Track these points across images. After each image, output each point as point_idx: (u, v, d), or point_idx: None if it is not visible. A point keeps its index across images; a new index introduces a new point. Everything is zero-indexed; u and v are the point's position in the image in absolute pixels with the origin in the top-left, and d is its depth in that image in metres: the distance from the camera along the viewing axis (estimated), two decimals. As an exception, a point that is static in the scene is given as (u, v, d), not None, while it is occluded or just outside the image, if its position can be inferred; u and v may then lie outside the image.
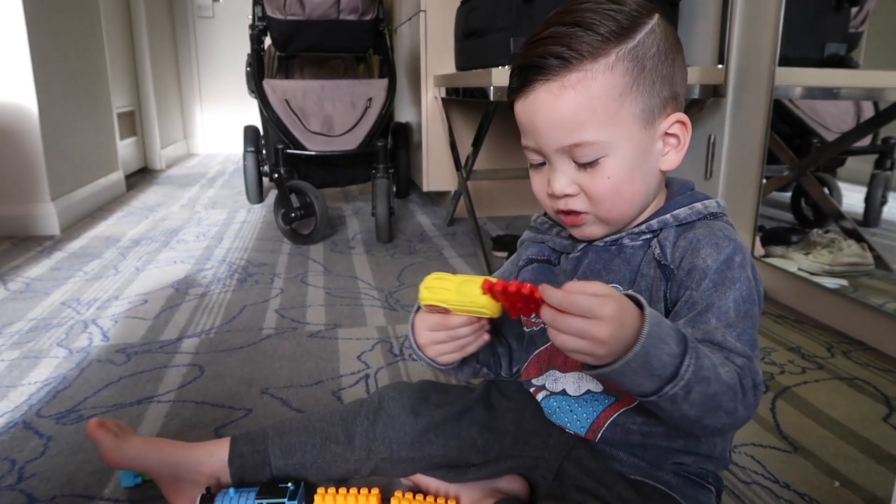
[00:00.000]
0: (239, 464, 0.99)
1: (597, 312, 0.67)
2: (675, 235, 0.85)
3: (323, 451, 1.00)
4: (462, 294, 0.78)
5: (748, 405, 0.73)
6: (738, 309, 0.76)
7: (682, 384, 0.69)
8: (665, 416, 0.74)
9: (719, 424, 0.73)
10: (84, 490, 1.05)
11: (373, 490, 0.95)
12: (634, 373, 0.69)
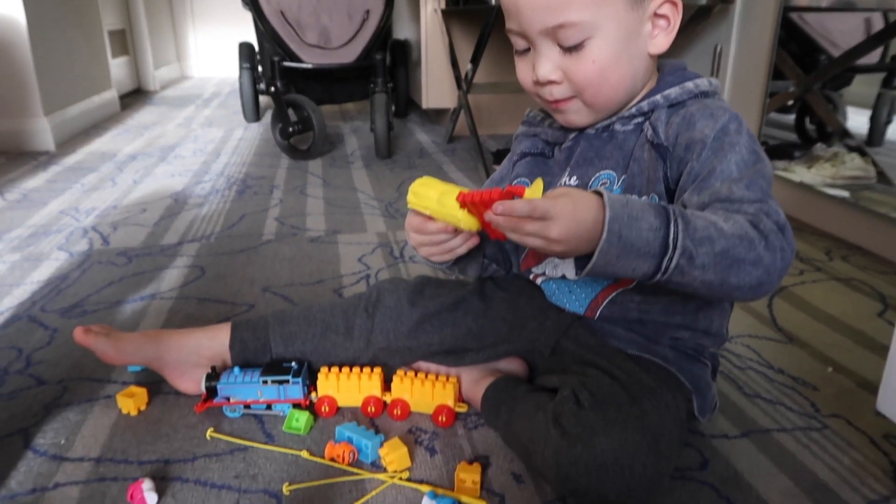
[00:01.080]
0: (240, 349, 1.01)
1: (549, 213, 0.67)
2: (666, 115, 0.83)
3: (323, 341, 1.01)
4: (442, 205, 0.78)
5: (773, 248, 0.70)
6: (741, 169, 0.75)
7: (678, 253, 0.68)
8: (690, 291, 0.73)
9: (752, 279, 0.70)
10: (91, 374, 1.06)
11: (375, 369, 0.97)
12: (620, 259, 0.69)
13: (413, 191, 0.81)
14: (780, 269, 0.72)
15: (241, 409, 0.95)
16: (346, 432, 0.88)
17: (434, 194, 0.79)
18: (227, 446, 0.89)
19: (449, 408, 0.93)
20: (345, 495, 0.80)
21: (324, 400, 0.95)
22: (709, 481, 0.83)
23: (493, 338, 0.98)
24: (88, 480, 0.83)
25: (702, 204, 0.75)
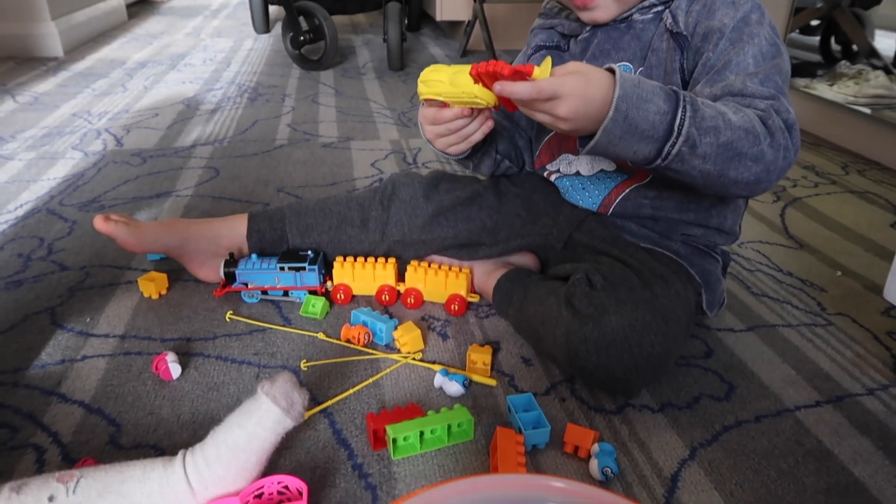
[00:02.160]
0: (257, 239, 1.02)
1: (558, 92, 0.66)
2: (687, 3, 0.81)
3: (338, 233, 1.02)
4: (455, 85, 0.76)
5: (777, 146, 0.70)
6: (758, 63, 0.74)
7: (682, 140, 0.68)
8: (686, 180, 0.73)
9: (750, 175, 0.71)
10: (112, 262, 1.09)
11: (389, 259, 0.99)
12: (623, 139, 0.68)
13: (423, 80, 0.80)
14: (781, 168, 0.72)
15: (258, 295, 0.97)
16: (362, 316, 0.90)
17: (445, 77, 0.77)
18: (246, 327, 0.92)
19: (461, 297, 0.95)
20: (360, 373, 0.83)
21: (339, 288, 0.97)
22: (713, 368, 0.86)
23: (507, 233, 0.99)
24: (114, 354, 0.86)
25: (714, 96, 0.74)
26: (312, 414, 0.76)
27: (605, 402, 0.79)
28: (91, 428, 0.73)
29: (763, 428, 0.75)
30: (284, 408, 0.60)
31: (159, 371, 0.81)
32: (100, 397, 0.78)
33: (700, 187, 0.75)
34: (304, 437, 0.72)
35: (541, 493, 0.43)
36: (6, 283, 1.02)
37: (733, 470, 0.69)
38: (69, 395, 0.78)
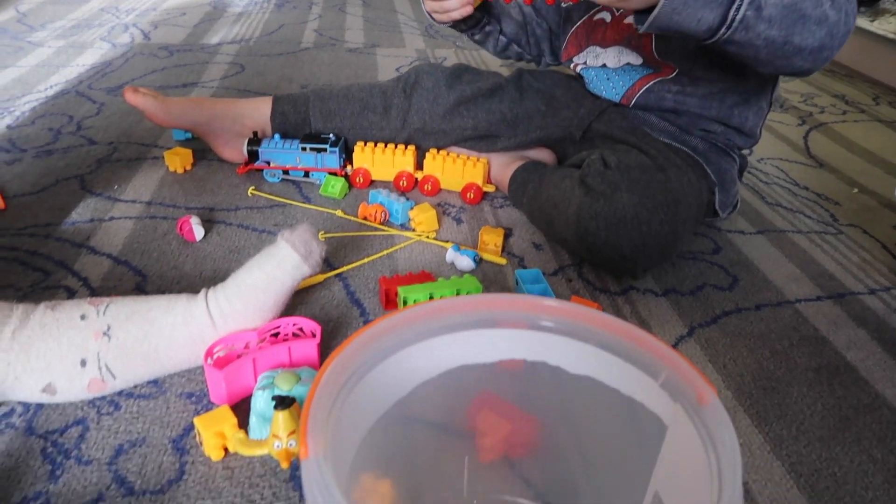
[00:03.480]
0: (281, 121, 1.04)
1: None
2: None
3: (360, 119, 1.03)
4: None
5: (839, 7, 0.69)
6: None
7: (748, 1, 0.66)
8: (750, 53, 0.72)
9: (815, 40, 0.70)
10: (139, 140, 1.12)
11: (409, 146, 1.00)
12: (687, 6, 0.67)
13: None
14: (843, 33, 0.71)
15: (279, 175, 1.00)
16: (380, 196, 0.93)
17: None
18: (267, 202, 0.95)
19: (477, 186, 0.97)
20: (375, 246, 0.86)
21: (359, 171, 1.00)
22: (719, 263, 0.87)
23: (526, 126, 1.00)
24: (141, 217, 0.89)
25: None
26: (328, 277, 0.79)
27: (610, 285, 0.81)
28: (118, 276, 0.77)
29: (762, 315, 0.78)
30: (303, 254, 0.63)
31: (183, 232, 0.84)
32: (127, 252, 0.82)
33: (762, 62, 0.74)
34: (319, 296, 0.76)
35: (534, 312, 0.45)
36: (37, 152, 1.05)
37: (729, 347, 0.72)
38: (98, 249, 0.82)
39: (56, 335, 0.56)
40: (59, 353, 0.56)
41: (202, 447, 0.56)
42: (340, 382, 0.39)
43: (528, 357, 0.47)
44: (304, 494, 0.34)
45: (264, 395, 0.55)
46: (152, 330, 0.59)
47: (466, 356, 0.47)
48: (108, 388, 0.59)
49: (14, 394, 0.57)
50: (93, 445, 0.56)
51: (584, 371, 0.46)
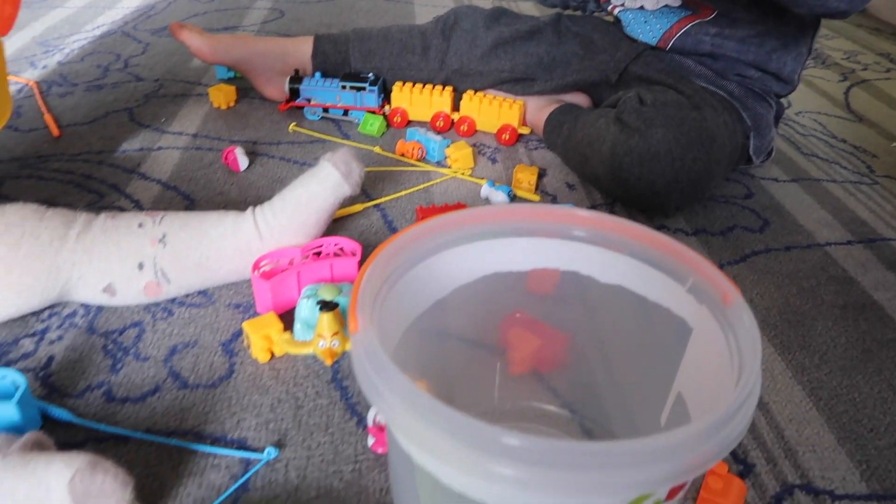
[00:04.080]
0: (321, 60, 1.06)
1: None
2: None
3: (399, 60, 1.05)
4: None
5: None
6: None
7: None
8: None
9: None
10: (184, 78, 1.15)
11: (447, 87, 1.02)
12: None
13: None
14: None
15: (319, 113, 1.02)
16: (417, 134, 0.95)
17: None
18: (308, 138, 0.97)
19: (513, 127, 0.98)
20: (412, 181, 0.88)
21: (396, 111, 1.02)
22: (750, 206, 0.88)
23: (563, 69, 1.00)
24: (187, 148, 0.93)
25: None
26: (367, 207, 0.82)
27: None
28: (168, 199, 0.81)
29: (791, 256, 0.79)
30: (343, 173, 0.66)
31: (228, 161, 0.87)
32: (175, 178, 0.85)
33: (799, 2, 0.74)
34: (358, 224, 0.79)
35: (567, 223, 0.47)
36: (87, 86, 1.09)
37: (756, 283, 0.73)
38: (148, 175, 0.86)
39: (116, 239, 0.60)
40: (118, 255, 0.60)
41: (250, 350, 0.59)
42: (385, 274, 0.42)
43: (561, 266, 0.50)
44: (353, 369, 0.37)
45: (308, 304, 0.59)
46: (203, 240, 0.63)
47: (502, 263, 0.49)
48: (163, 293, 0.63)
49: (77, 293, 0.61)
50: (149, 345, 0.60)
51: (615, 280, 0.48)
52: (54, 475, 0.39)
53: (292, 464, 0.50)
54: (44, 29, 1.34)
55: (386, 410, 0.34)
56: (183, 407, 0.55)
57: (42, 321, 0.62)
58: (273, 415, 0.54)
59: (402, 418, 0.33)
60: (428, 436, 0.32)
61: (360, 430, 0.53)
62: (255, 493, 0.48)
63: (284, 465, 0.50)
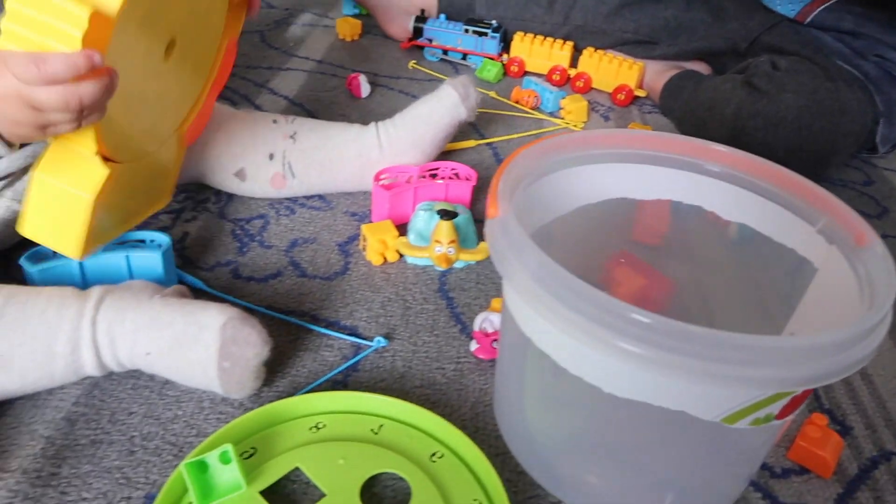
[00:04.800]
0: (447, 4, 1.08)
1: None
2: None
3: (524, 11, 1.06)
4: None
5: None
6: None
7: None
8: None
9: None
10: (312, 9, 1.19)
11: (567, 42, 1.02)
12: None
13: None
14: None
15: (439, 55, 1.05)
16: (533, 83, 0.96)
17: None
18: (426, 76, 1.00)
19: (629, 88, 0.98)
20: (524, 127, 0.90)
21: (514, 60, 1.03)
22: (870, 193, 0.85)
23: (688, 35, 0.99)
24: (313, 71, 0.97)
25: None
26: (479, 144, 0.84)
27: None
28: (294, 114, 0.85)
29: (909, 244, 0.76)
30: (461, 94, 0.68)
31: (352, 87, 0.91)
32: (300, 96, 0.90)
33: None
34: (470, 158, 0.81)
35: (702, 158, 0.48)
36: (224, 8, 1.15)
37: (869, 265, 0.71)
38: (276, 91, 0.90)
39: (252, 129, 0.64)
40: (252, 143, 0.64)
41: (364, 253, 0.63)
42: (520, 175, 0.43)
43: (685, 200, 0.50)
44: (492, 254, 0.39)
45: (425, 216, 0.61)
46: (329, 143, 0.66)
47: (628, 189, 0.50)
48: (286, 188, 0.67)
49: (212, 176, 0.66)
50: (273, 235, 0.64)
51: (739, 218, 0.48)
52: (210, 317, 0.44)
53: (399, 355, 0.53)
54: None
55: (520, 283, 0.36)
56: (301, 292, 0.58)
57: (178, 202, 0.67)
58: (383, 311, 0.57)
59: (534, 291, 0.35)
60: (558, 308, 0.34)
61: (464, 336, 0.56)
62: (364, 374, 0.51)
63: (392, 355, 0.53)
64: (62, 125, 0.40)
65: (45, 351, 0.43)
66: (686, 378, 0.32)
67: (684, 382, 0.33)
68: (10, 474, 0.42)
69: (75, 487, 0.42)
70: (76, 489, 0.42)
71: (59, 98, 0.38)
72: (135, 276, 0.52)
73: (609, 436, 0.41)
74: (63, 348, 0.44)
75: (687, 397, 0.35)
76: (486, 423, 0.49)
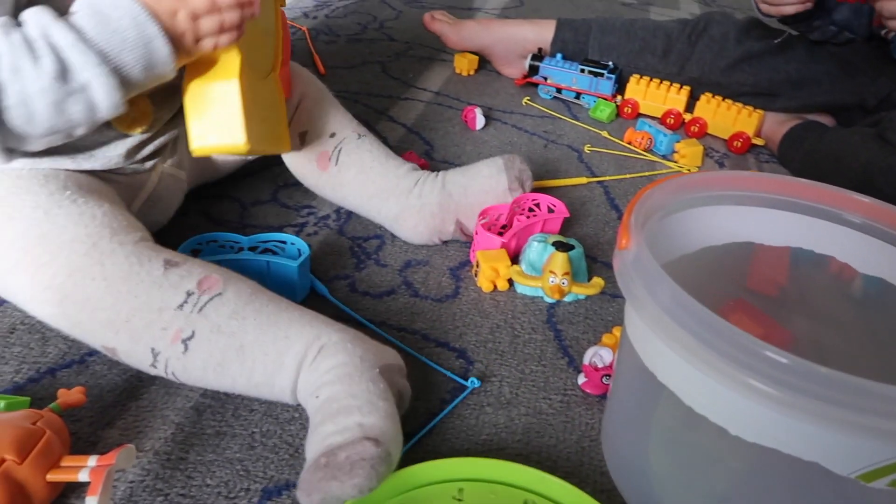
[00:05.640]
0: (560, 47, 1.09)
1: None
2: None
3: (637, 59, 1.06)
4: None
5: None
6: None
7: None
8: None
9: None
10: (430, 44, 1.23)
11: (684, 87, 1.01)
12: None
13: None
14: None
15: (552, 93, 1.06)
16: (647, 125, 0.95)
17: None
18: (539, 112, 1.02)
19: (747, 136, 0.96)
20: (636, 168, 0.89)
21: (628, 102, 1.03)
22: None
23: (811, 89, 0.96)
24: (430, 102, 1.00)
25: None
26: (590, 182, 0.84)
27: None
28: (411, 141, 0.88)
29: None
30: (512, 178, 0.67)
31: (467, 119, 0.94)
32: (418, 125, 0.93)
33: None
34: (579, 196, 0.81)
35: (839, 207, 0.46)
36: (348, 39, 1.21)
37: None
38: (395, 118, 0.94)
39: (335, 107, 0.71)
40: (327, 117, 0.69)
41: (476, 278, 0.64)
42: (650, 211, 0.44)
43: (817, 249, 0.49)
44: (621, 285, 0.39)
45: (538, 247, 0.62)
46: (368, 175, 0.68)
47: (756, 234, 0.49)
48: (327, 171, 0.68)
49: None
50: (388, 255, 0.67)
51: (877, 272, 0.46)
52: (376, 433, 0.41)
53: (506, 381, 0.54)
54: (315, -13, 1.50)
55: (650, 315, 0.36)
56: (413, 311, 0.60)
57: (302, 217, 0.71)
58: (491, 336, 0.58)
59: (665, 323, 0.35)
60: (689, 341, 0.34)
61: (571, 369, 0.56)
62: (472, 398, 0.52)
63: (499, 381, 0.54)
64: (224, 35, 0.48)
65: (276, 362, 0.45)
66: (823, 426, 0.31)
67: (821, 430, 0.32)
68: (144, 454, 0.45)
69: (200, 473, 0.44)
70: (201, 475, 0.44)
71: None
72: (273, 280, 0.55)
73: (731, 483, 0.40)
74: (283, 381, 0.45)
75: (822, 448, 0.33)
76: (591, 458, 0.48)
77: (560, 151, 0.91)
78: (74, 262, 0.45)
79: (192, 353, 0.45)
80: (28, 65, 0.41)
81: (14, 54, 0.41)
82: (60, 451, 0.40)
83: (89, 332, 0.46)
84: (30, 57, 0.41)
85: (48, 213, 0.46)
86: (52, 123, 0.43)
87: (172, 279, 0.46)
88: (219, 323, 0.45)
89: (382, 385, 0.44)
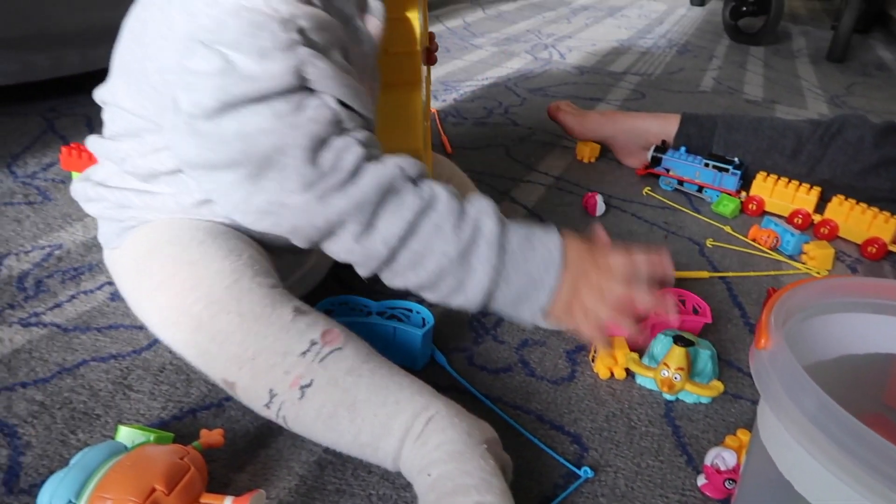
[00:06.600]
0: (683, 141, 1.10)
1: None
2: None
3: (765, 157, 1.05)
4: None
5: None
6: None
7: None
8: None
9: None
10: (552, 130, 1.27)
11: (814, 187, 0.99)
12: None
13: None
14: None
15: (674, 184, 1.06)
16: (773, 223, 0.93)
17: None
18: (659, 203, 1.02)
19: (883, 242, 0.92)
20: (761, 266, 0.87)
21: (753, 199, 1.01)
22: None
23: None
24: (550, 186, 1.03)
25: None
26: (713, 276, 0.82)
27: None
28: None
29: None
30: None
31: (588, 205, 0.95)
32: (538, 208, 0.95)
33: None
34: (702, 290, 0.79)
35: None
36: (474, 122, 1.27)
37: None
38: (517, 199, 0.97)
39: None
40: None
41: (592, 364, 0.64)
42: (792, 310, 0.43)
43: (973, 369, 0.46)
44: (759, 385, 0.38)
45: (664, 340, 0.61)
46: None
47: (899, 346, 0.47)
48: None
49: None
50: (505, 332, 0.68)
51: None
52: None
53: (621, 473, 0.53)
54: (445, 73, 1.60)
55: (792, 421, 0.35)
56: (529, 391, 0.60)
57: (424, 288, 0.74)
58: (607, 425, 0.57)
59: (810, 431, 0.34)
60: (836, 453, 0.32)
61: (689, 468, 0.54)
62: (586, 486, 0.51)
63: (615, 472, 0.53)
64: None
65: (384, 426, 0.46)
66: None
67: None
68: (269, 501, 0.47)
69: (319, 527, 0.46)
70: (320, 529, 0.46)
71: None
72: (398, 345, 0.57)
73: None
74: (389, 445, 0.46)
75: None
76: (711, 566, 0.46)
77: (681, 243, 0.91)
78: (216, 293, 0.49)
79: (307, 400, 0.46)
80: (449, 230, 0.47)
81: (444, 215, 0.48)
82: (200, 487, 0.43)
83: (214, 364, 0.49)
84: (454, 225, 0.48)
85: (202, 243, 0.51)
86: (422, 281, 0.49)
87: (300, 326, 0.48)
88: (336, 377, 0.47)
89: (492, 461, 0.45)
